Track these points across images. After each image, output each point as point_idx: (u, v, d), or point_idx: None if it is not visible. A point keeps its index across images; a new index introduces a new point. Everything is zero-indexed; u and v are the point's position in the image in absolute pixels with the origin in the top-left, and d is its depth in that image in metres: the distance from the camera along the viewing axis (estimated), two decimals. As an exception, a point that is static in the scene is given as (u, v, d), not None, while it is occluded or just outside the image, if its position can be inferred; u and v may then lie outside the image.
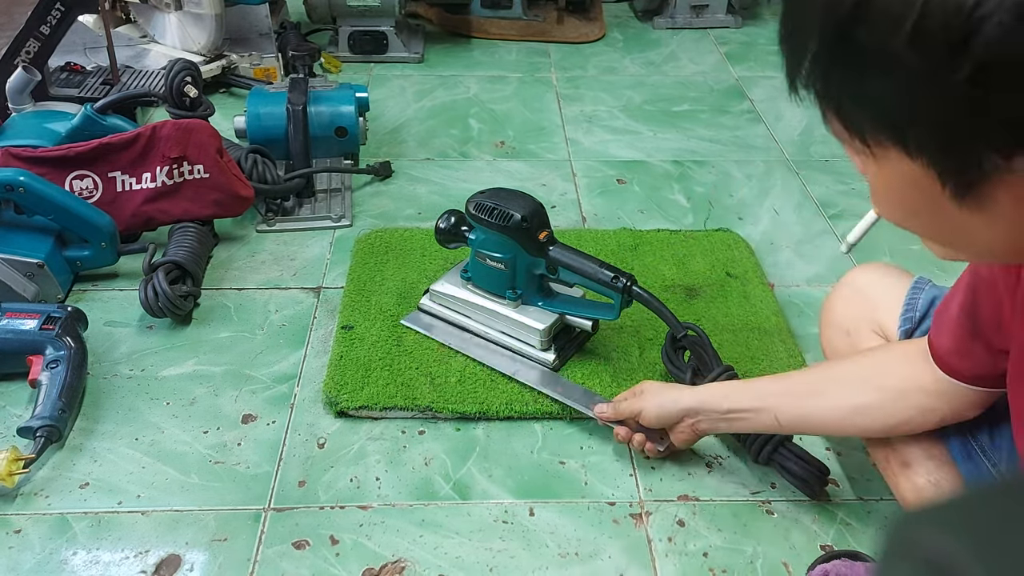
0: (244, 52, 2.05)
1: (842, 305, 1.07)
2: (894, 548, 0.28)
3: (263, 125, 1.56)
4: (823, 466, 1.06)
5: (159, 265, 1.31)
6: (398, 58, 2.23)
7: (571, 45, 2.40)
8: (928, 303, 0.96)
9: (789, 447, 1.06)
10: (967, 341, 0.78)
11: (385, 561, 0.98)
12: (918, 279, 1.00)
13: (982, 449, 0.88)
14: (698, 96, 2.12)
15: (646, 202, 1.68)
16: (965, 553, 0.25)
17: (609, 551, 1.00)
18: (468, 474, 1.09)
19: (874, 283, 1.04)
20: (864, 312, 1.03)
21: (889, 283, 1.02)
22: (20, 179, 1.26)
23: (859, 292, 1.05)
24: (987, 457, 0.88)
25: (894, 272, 1.04)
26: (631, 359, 1.25)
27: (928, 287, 0.98)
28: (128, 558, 0.98)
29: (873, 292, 1.03)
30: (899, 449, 0.94)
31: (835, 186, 1.75)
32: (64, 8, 1.68)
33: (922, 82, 0.45)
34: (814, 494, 1.06)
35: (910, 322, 0.96)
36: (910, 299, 0.97)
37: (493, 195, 1.19)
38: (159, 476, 1.08)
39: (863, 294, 1.04)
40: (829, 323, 1.08)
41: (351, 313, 1.32)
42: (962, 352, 0.80)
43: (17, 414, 1.15)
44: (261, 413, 1.17)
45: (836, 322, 1.07)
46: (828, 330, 1.09)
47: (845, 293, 1.07)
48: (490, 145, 1.87)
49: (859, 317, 1.03)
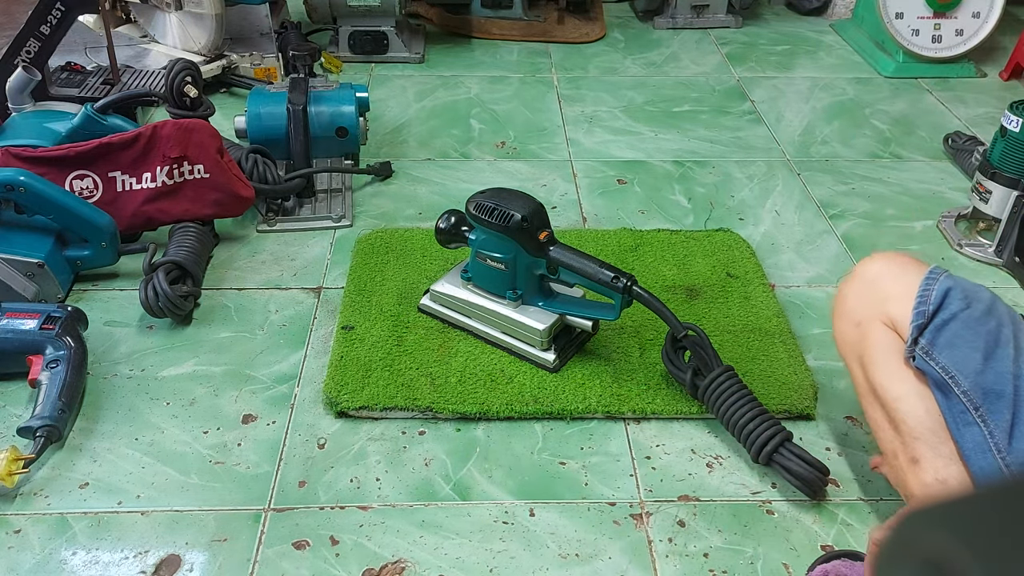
0: (245, 52, 2.05)
1: (852, 297, 1.03)
2: (894, 548, 0.28)
3: (263, 125, 1.56)
4: (823, 466, 1.06)
5: (159, 265, 1.31)
6: (399, 58, 2.23)
7: (572, 45, 2.40)
8: (942, 295, 0.92)
9: (790, 447, 1.06)
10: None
11: (385, 562, 0.98)
12: (932, 269, 0.96)
13: (998, 448, 0.87)
14: (699, 97, 2.12)
15: (647, 202, 1.68)
16: (965, 553, 0.25)
17: (609, 552, 1.00)
18: (468, 475, 1.09)
19: (886, 273, 1.00)
20: (875, 304, 0.99)
21: (901, 273, 0.98)
22: (20, 179, 1.26)
23: (870, 283, 1.02)
24: (1002, 458, 0.87)
25: (907, 262, 1.00)
26: (631, 360, 1.25)
27: (943, 278, 0.94)
28: (128, 558, 0.98)
29: (884, 284, 1.00)
30: (909, 445, 0.93)
31: (836, 187, 1.75)
32: (64, 8, 1.69)
33: None
34: (814, 494, 1.06)
35: (922, 316, 0.93)
36: (923, 290, 0.94)
37: (493, 195, 1.19)
38: (159, 476, 1.08)
39: (874, 286, 1.01)
40: (840, 314, 1.05)
41: (351, 313, 1.32)
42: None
43: (17, 414, 1.15)
44: (261, 413, 1.17)
45: (846, 313, 1.03)
46: (839, 322, 1.05)
47: (856, 284, 1.04)
48: (491, 145, 1.86)
49: (870, 309, 1.00)
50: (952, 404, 0.90)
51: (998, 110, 2.06)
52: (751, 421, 1.08)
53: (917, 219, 1.65)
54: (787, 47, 2.41)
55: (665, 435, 1.16)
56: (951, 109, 2.09)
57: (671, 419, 1.18)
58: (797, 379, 1.22)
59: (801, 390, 1.20)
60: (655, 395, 1.19)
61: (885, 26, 2.23)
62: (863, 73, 2.27)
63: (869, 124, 2.01)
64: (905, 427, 0.94)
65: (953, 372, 0.89)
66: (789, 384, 1.21)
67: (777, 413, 1.17)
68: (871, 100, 2.12)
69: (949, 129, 1.94)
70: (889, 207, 1.69)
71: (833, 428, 1.18)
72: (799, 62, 2.32)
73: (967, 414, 0.88)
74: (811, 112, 2.05)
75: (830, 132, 1.97)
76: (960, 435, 0.89)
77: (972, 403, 0.88)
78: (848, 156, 1.87)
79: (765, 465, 1.07)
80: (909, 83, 2.22)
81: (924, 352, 0.92)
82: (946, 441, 0.91)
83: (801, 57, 2.35)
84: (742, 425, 1.08)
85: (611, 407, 1.17)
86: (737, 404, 1.10)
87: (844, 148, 1.90)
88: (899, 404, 0.94)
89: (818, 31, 2.53)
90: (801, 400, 1.19)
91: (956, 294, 0.92)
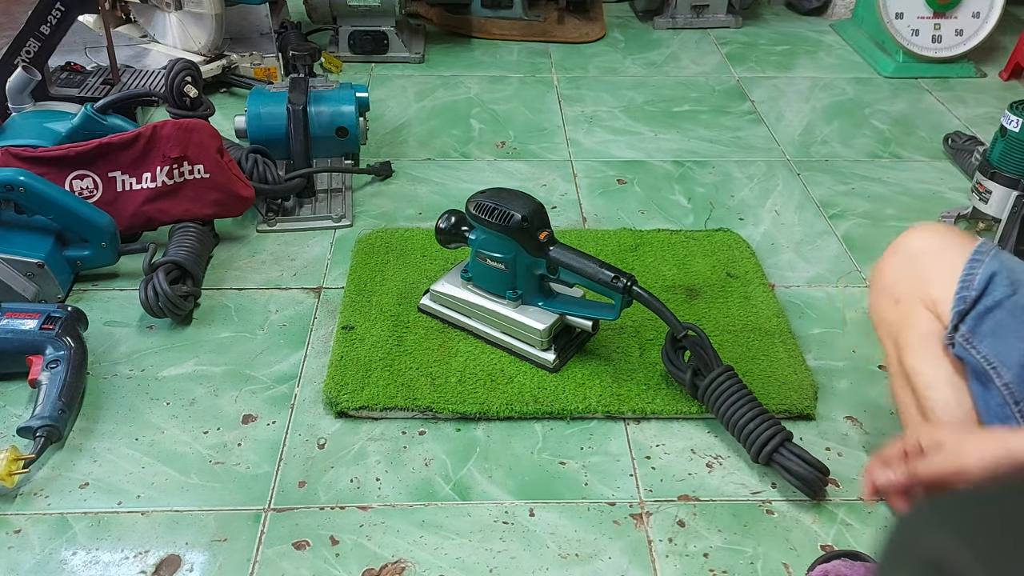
0: (245, 52, 2.05)
1: (892, 271, 0.97)
2: (895, 548, 0.28)
3: (263, 125, 1.56)
4: (823, 466, 1.06)
5: (159, 265, 1.31)
6: (399, 58, 2.23)
7: (572, 45, 2.40)
8: (987, 279, 0.86)
9: (790, 447, 1.06)
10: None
11: (385, 562, 0.98)
12: (979, 247, 0.89)
13: None
14: (699, 97, 2.12)
15: (647, 202, 1.68)
16: (965, 553, 0.25)
17: (609, 552, 1.00)
18: (468, 475, 1.09)
19: (929, 251, 0.94)
20: (916, 284, 0.93)
21: (946, 249, 0.92)
22: (20, 179, 1.26)
23: (911, 260, 0.95)
24: None
25: (953, 238, 0.94)
26: (632, 360, 1.25)
27: (989, 259, 0.88)
28: (128, 558, 0.98)
29: (926, 262, 0.93)
30: None
31: (836, 186, 1.75)
32: (64, 8, 1.68)
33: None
34: (814, 494, 1.06)
35: (964, 302, 0.87)
36: (967, 273, 0.88)
37: (493, 195, 1.19)
38: (159, 476, 1.08)
39: (916, 263, 0.94)
40: (879, 289, 0.99)
41: (351, 313, 1.32)
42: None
43: (17, 414, 1.15)
44: (261, 413, 1.17)
45: (886, 288, 0.98)
46: (877, 297, 0.99)
47: (897, 258, 0.98)
48: (491, 145, 1.86)
49: (911, 288, 0.94)
50: (990, 396, 0.85)
51: (998, 110, 2.06)
52: (751, 421, 1.08)
53: (917, 219, 1.65)
54: (787, 47, 2.41)
55: (665, 435, 1.16)
56: (951, 109, 2.09)
57: (671, 419, 1.18)
58: (797, 379, 1.22)
59: (801, 390, 1.20)
60: (655, 395, 1.19)
61: (885, 26, 2.23)
62: (863, 73, 2.27)
63: (869, 124, 2.01)
64: (933, 416, 0.90)
65: (995, 362, 0.85)
66: (789, 384, 1.21)
67: (777, 413, 1.17)
68: (871, 100, 2.12)
69: (949, 129, 1.94)
70: (889, 207, 1.69)
71: (833, 428, 1.18)
72: (799, 62, 2.32)
73: (1006, 407, 0.84)
74: (811, 112, 2.05)
75: (830, 132, 1.97)
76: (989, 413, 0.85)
77: (1013, 396, 0.84)
78: (848, 156, 1.87)
79: (765, 465, 1.07)
80: (909, 83, 2.22)
81: (965, 339, 0.87)
82: None
83: (801, 57, 2.35)
84: (742, 425, 1.08)
85: (611, 407, 1.17)
86: (737, 404, 1.10)
87: (844, 148, 1.90)
88: (930, 392, 0.90)
89: (818, 31, 2.53)
90: (801, 400, 1.19)
91: (1001, 279, 0.87)
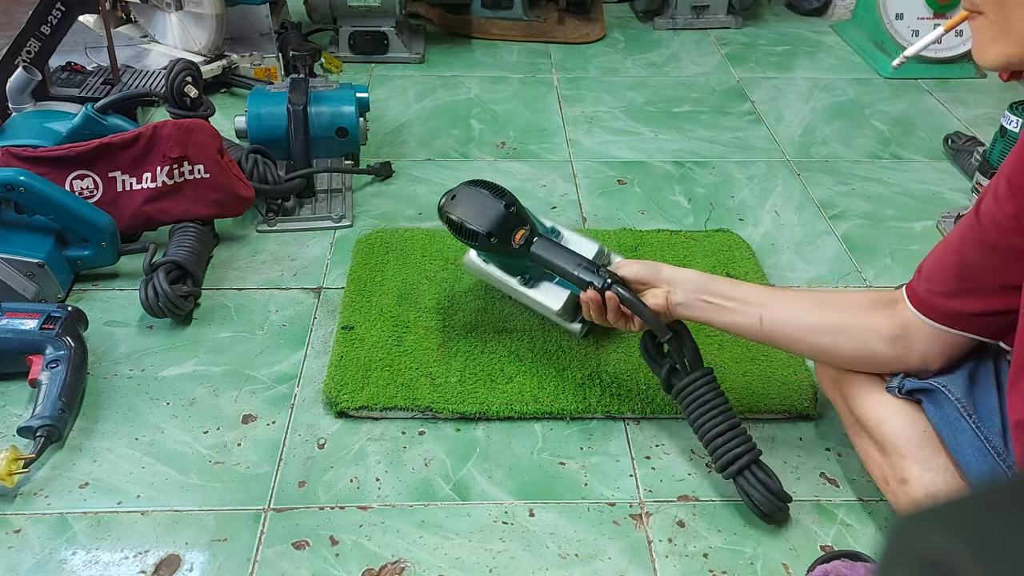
0: (245, 52, 2.05)
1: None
2: (894, 549, 0.28)
3: (264, 125, 1.56)
4: (785, 494, 1.02)
5: (159, 265, 1.31)
6: (399, 58, 2.23)
7: (572, 46, 2.40)
8: None
9: (754, 471, 1.01)
10: (956, 282, 0.84)
11: (385, 562, 0.98)
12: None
13: (996, 452, 0.88)
14: (699, 97, 2.12)
15: (647, 203, 1.68)
16: (965, 553, 0.25)
17: (609, 552, 1.00)
18: (468, 475, 1.09)
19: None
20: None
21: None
22: (20, 179, 1.26)
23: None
24: (1002, 460, 0.87)
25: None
26: (631, 360, 1.25)
27: None
28: (128, 558, 0.98)
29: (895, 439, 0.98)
30: (897, 466, 0.94)
31: (836, 187, 1.75)
32: (65, 8, 1.68)
33: None
34: (770, 520, 1.03)
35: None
36: None
37: (459, 203, 1.14)
38: (159, 476, 1.08)
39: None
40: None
41: (351, 313, 1.32)
42: (949, 293, 0.85)
43: (17, 414, 1.15)
44: (261, 413, 1.17)
45: None
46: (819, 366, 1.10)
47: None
48: (491, 146, 1.86)
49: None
50: (945, 412, 0.90)
51: (998, 111, 2.06)
52: (719, 436, 1.03)
53: (917, 219, 1.65)
54: (787, 48, 2.41)
55: (665, 435, 1.16)
56: (951, 110, 2.09)
57: (671, 419, 1.17)
58: (797, 379, 1.22)
59: (801, 390, 1.20)
60: (655, 395, 1.19)
61: (885, 27, 2.24)
62: (863, 74, 2.27)
63: (869, 124, 2.01)
64: (892, 447, 0.94)
65: (945, 383, 0.90)
66: (789, 384, 1.21)
67: (777, 413, 1.17)
68: (871, 100, 2.12)
69: (949, 130, 1.95)
70: (889, 207, 1.69)
71: (833, 428, 1.18)
72: (799, 63, 2.32)
73: (961, 420, 0.89)
74: (811, 112, 2.05)
75: (830, 132, 1.97)
76: (957, 441, 0.89)
77: (966, 410, 0.89)
78: (848, 156, 1.87)
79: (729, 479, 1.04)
80: (909, 84, 2.22)
81: (905, 379, 0.94)
82: (937, 453, 0.91)
83: (801, 58, 2.35)
84: (710, 438, 1.03)
85: (611, 407, 1.17)
86: (709, 414, 1.04)
87: (844, 148, 1.90)
88: (883, 426, 0.94)
89: (818, 32, 2.53)
90: (801, 400, 1.19)
91: None
